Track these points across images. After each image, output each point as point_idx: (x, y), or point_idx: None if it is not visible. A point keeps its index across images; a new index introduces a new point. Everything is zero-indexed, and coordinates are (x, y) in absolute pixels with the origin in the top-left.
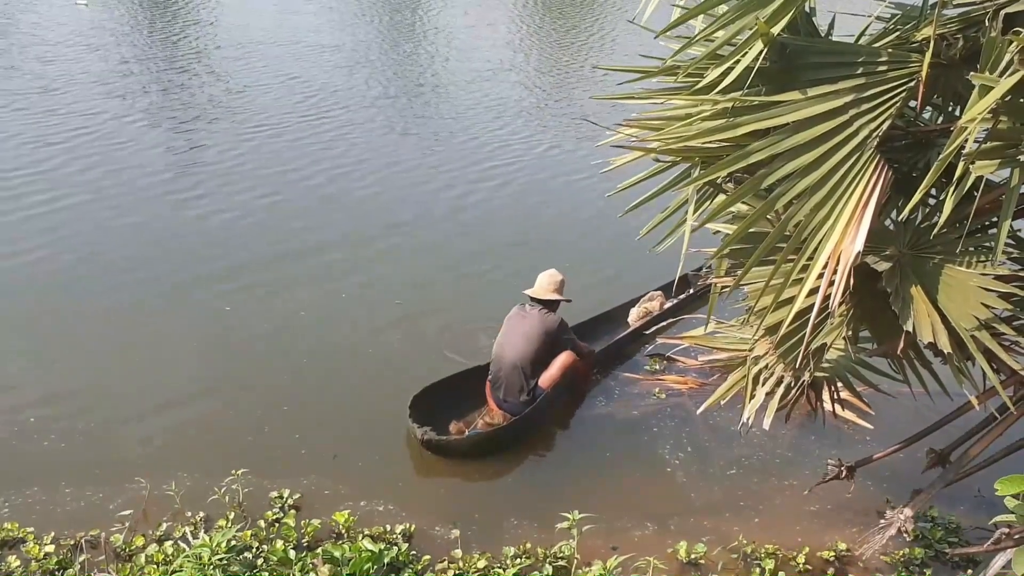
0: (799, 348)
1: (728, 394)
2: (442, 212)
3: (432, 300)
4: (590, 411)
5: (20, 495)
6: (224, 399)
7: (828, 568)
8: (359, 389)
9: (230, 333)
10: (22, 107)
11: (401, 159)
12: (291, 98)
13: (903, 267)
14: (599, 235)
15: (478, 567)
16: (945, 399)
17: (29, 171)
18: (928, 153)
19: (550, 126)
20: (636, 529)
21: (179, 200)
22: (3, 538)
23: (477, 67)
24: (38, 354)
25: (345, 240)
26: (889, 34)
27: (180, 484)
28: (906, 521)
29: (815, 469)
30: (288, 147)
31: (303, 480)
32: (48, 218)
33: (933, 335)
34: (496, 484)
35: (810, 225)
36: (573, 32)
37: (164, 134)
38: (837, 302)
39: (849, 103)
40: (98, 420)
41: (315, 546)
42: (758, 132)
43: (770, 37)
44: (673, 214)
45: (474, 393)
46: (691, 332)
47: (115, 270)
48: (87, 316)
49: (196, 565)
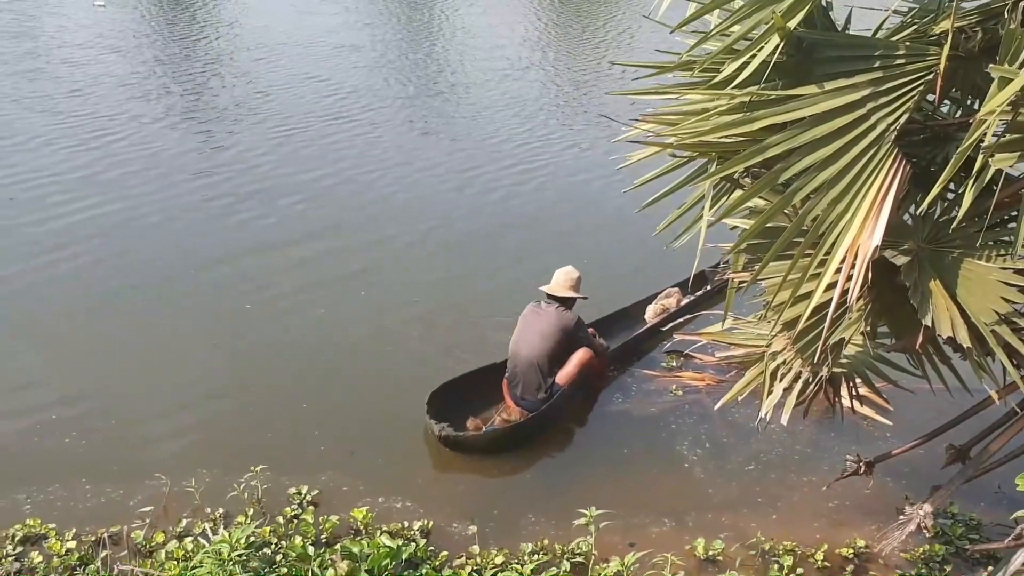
0: (817, 343)
1: (745, 390)
2: (460, 211)
3: (450, 298)
4: (607, 408)
5: (42, 492)
6: (243, 397)
7: (847, 565)
8: (377, 386)
9: (250, 331)
10: (53, 109)
11: (419, 158)
12: (313, 98)
13: (921, 261)
14: (617, 232)
15: (495, 563)
16: (965, 395)
17: (53, 173)
18: (947, 147)
19: (569, 124)
20: (653, 525)
21: (202, 200)
22: (25, 534)
23: (497, 66)
24: (59, 353)
25: (364, 239)
26: (907, 27)
27: (199, 481)
28: (925, 517)
29: (834, 465)
30: (309, 147)
31: (321, 477)
32: (68, 219)
33: (952, 329)
34: (513, 480)
35: (827, 219)
36: (591, 29)
37: (185, 135)
38: (855, 297)
39: (866, 97)
40: (118, 418)
41: (333, 542)
42: (775, 126)
43: (786, 31)
44: (690, 210)
45: (491, 390)
46: (708, 328)
47: (135, 270)
48: (108, 315)
49: (216, 561)
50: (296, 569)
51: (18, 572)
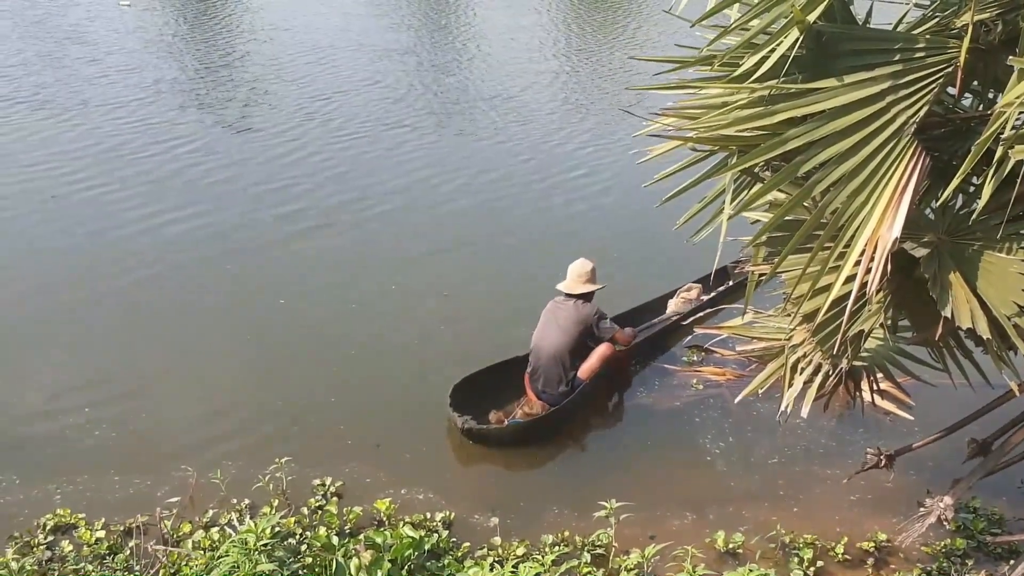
0: (836, 336)
1: (766, 384)
2: (485, 209)
3: (477, 293)
4: (628, 401)
5: (71, 483)
6: (270, 390)
7: (868, 558)
8: (402, 379)
9: (280, 325)
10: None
11: (445, 159)
12: (368, 103)
13: (941, 254)
14: (639, 227)
15: (517, 555)
16: (986, 388)
17: (101, 172)
18: (967, 140)
19: (590, 118)
20: (674, 518)
21: (241, 196)
22: (56, 523)
23: (537, 68)
24: (92, 348)
25: (395, 235)
26: (928, 21)
27: (225, 472)
28: (946, 509)
29: (855, 458)
30: (332, 146)
31: (345, 468)
32: (109, 219)
33: (972, 321)
34: (535, 473)
35: (847, 212)
36: (610, 25)
37: (221, 128)
38: (874, 289)
39: (886, 89)
40: (148, 411)
41: (357, 533)
42: (795, 120)
43: (805, 25)
44: (710, 204)
45: (514, 383)
46: (729, 322)
47: (168, 265)
48: (140, 311)
49: (242, 551)
50: (321, 559)
51: (49, 560)
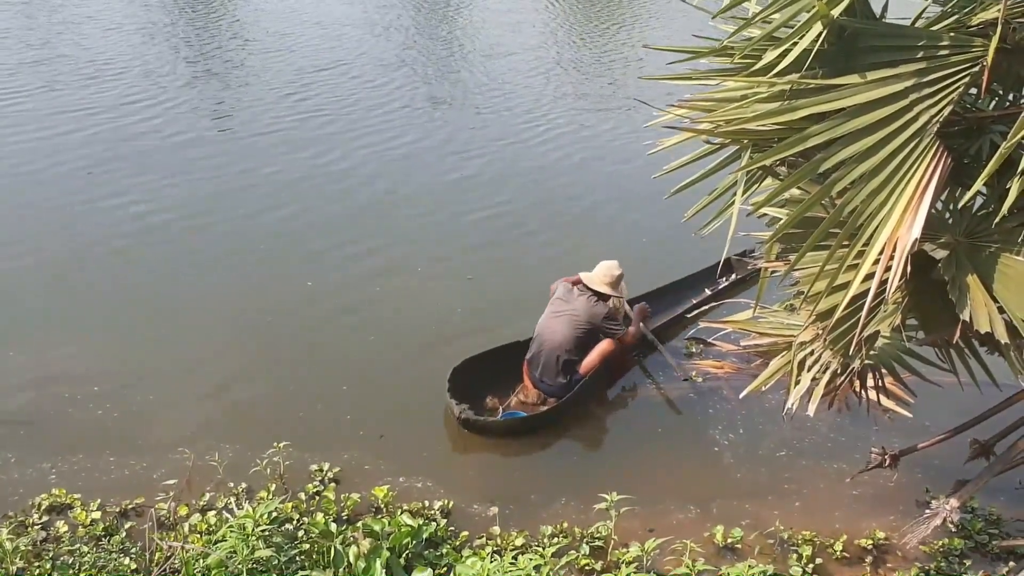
0: (850, 335)
1: (771, 380)
2: (498, 199)
3: (482, 282)
4: (628, 393)
5: (67, 462)
6: (270, 376)
7: (866, 556)
8: (405, 366)
9: (286, 311)
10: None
11: (460, 149)
12: (389, 89)
13: (959, 256)
14: (650, 217)
15: (516, 545)
16: (993, 390)
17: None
18: (981, 139)
19: (604, 109)
20: (673, 512)
21: (256, 185)
22: (51, 503)
23: (546, 55)
24: (93, 328)
25: (407, 227)
26: (946, 17)
27: (223, 455)
28: (952, 512)
29: (858, 457)
30: (342, 134)
31: (343, 455)
32: (125, 197)
33: (990, 325)
34: (534, 463)
35: (866, 211)
36: (622, 16)
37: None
38: (893, 288)
39: (909, 88)
40: (146, 390)
41: (354, 519)
42: (815, 116)
43: (829, 19)
44: (720, 197)
45: (514, 367)
46: (734, 316)
47: (174, 248)
48: (141, 291)
49: (239, 536)
50: (319, 545)
51: (44, 541)
